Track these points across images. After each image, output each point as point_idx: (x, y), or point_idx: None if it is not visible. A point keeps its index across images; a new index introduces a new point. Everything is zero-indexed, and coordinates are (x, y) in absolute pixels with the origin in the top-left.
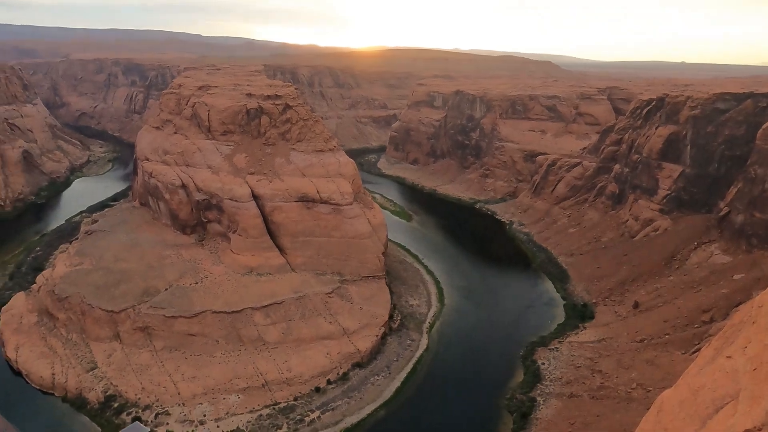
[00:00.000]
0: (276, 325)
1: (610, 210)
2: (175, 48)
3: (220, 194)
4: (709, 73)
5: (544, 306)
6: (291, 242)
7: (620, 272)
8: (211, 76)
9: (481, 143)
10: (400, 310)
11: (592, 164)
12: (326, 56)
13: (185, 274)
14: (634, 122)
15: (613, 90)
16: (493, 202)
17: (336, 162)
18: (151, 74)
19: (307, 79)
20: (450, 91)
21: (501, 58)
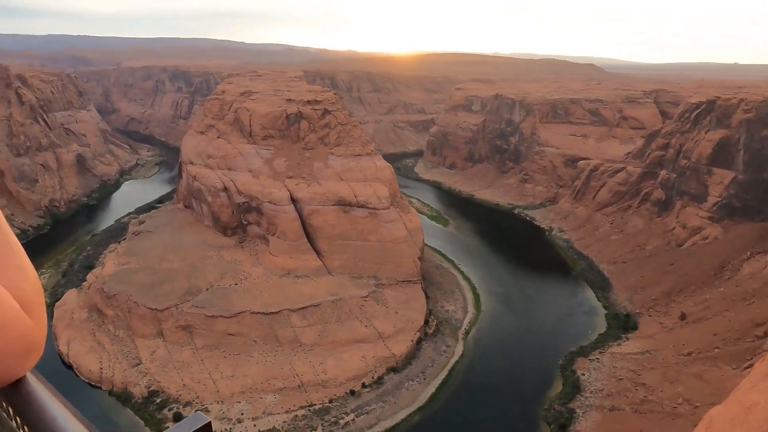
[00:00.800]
0: (312, 327)
1: (656, 217)
2: (219, 55)
3: (260, 197)
4: (763, 75)
5: (585, 315)
6: (328, 245)
7: (666, 282)
8: (252, 82)
9: (520, 148)
10: (436, 316)
11: (637, 169)
12: (365, 61)
13: (226, 274)
14: (682, 126)
15: (660, 93)
16: (532, 208)
17: (373, 166)
18: (196, 81)
19: (345, 84)
20: (488, 95)
21: (541, 61)
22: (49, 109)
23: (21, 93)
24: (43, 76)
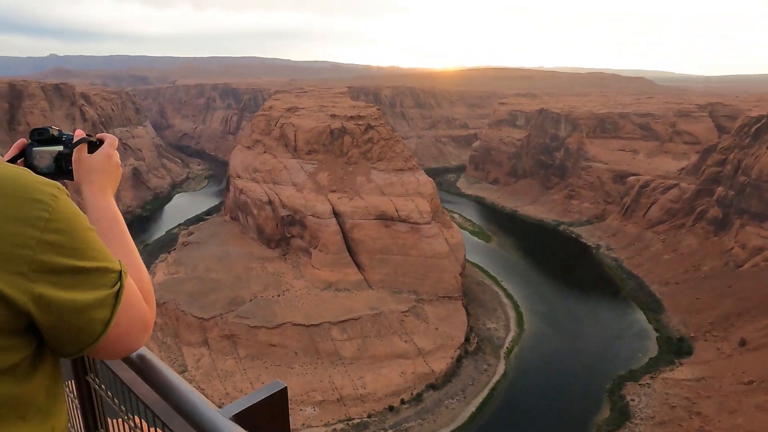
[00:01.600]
0: (352, 341)
1: (712, 236)
2: (267, 72)
3: (303, 210)
4: None
5: (634, 337)
6: (369, 259)
7: (723, 305)
8: (298, 98)
9: (566, 163)
10: (477, 333)
11: (691, 186)
12: (408, 77)
13: (269, 286)
14: (740, 141)
15: (716, 106)
16: (578, 225)
17: (415, 181)
18: (245, 97)
19: (388, 100)
20: (533, 109)
21: (588, 75)
22: (109, 125)
23: (84, 110)
24: (104, 94)
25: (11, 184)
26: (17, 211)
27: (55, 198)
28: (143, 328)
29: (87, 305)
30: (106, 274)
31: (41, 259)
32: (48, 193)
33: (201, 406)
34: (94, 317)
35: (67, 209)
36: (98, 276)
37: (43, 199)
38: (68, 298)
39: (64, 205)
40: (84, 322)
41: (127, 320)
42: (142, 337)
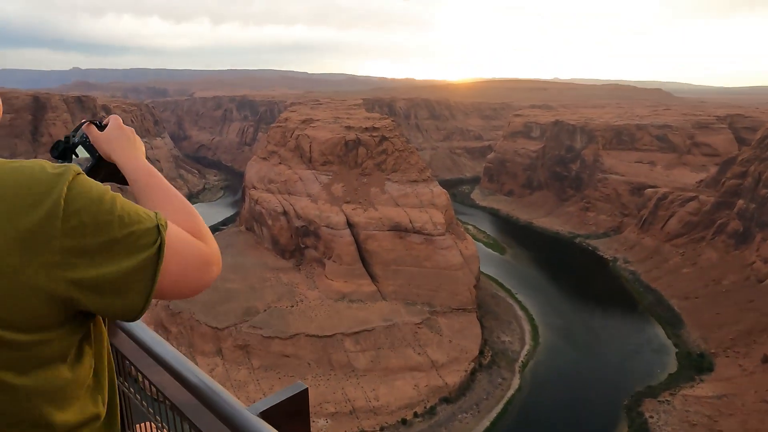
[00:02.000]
0: (365, 353)
1: (732, 250)
2: (283, 85)
3: (318, 221)
4: None
5: (653, 352)
6: (383, 270)
7: (745, 320)
8: (314, 110)
9: (582, 175)
10: (491, 346)
11: (711, 199)
12: (422, 89)
13: (283, 296)
14: (761, 153)
15: (736, 118)
16: (594, 237)
17: (429, 192)
18: (261, 109)
19: (403, 112)
20: (548, 121)
21: (604, 86)
22: None
23: None
24: (124, 106)
25: (19, 178)
26: (32, 202)
27: (64, 179)
28: (202, 264)
29: (129, 271)
30: (142, 235)
31: (69, 244)
32: (57, 177)
33: (233, 403)
34: (139, 278)
35: (82, 187)
36: (133, 240)
37: (55, 185)
38: (108, 271)
39: (78, 184)
40: (131, 285)
41: (179, 266)
42: (206, 273)
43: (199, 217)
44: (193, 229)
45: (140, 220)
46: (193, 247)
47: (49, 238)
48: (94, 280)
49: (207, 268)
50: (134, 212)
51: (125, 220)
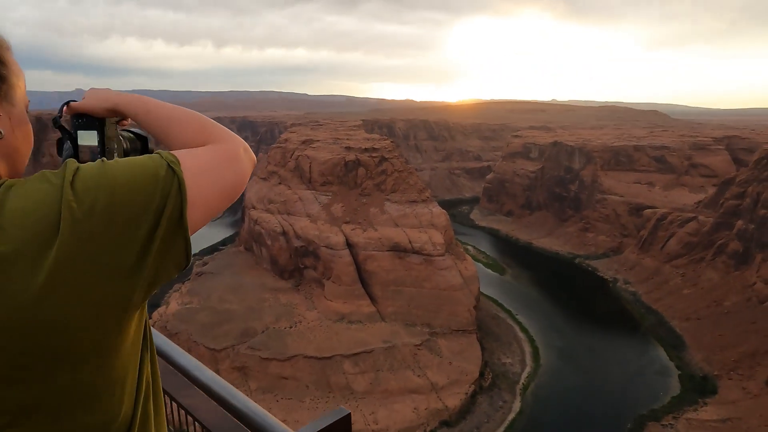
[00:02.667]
0: (364, 375)
1: (733, 270)
2: (284, 106)
3: (317, 241)
4: None
5: (656, 375)
6: (382, 291)
7: (748, 342)
8: (314, 131)
9: (581, 195)
10: (492, 368)
11: (710, 219)
12: (421, 110)
13: (281, 317)
14: (759, 174)
15: (733, 139)
16: (594, 258)
17: (429, 213)
18: (262, 130)
19: (402, 133)
20: (547, 142)
21: (602, 108)
22: None
23: None
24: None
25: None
26: (52, 222)
27: (64, 180)
28: (228, 168)
29: (162, 220)
30: (156, 187)
31: (112, 249)
32: (56, 183)
33: (281, 429)
34: (173, 217)
35: (85, 179)
36: (150, 199)
37: (59, 194)
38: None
39: (80, 180)
40: (175, 230)
41: (206, 182)
42: (236, 170)
43: (203, 118)
44: (203, 137)
45: (146, 177)
46: (211, 158)
47: (103, 245)
48: (151, 258)
49: (233, 166)
50: (137, 173)
51: (133, 187)
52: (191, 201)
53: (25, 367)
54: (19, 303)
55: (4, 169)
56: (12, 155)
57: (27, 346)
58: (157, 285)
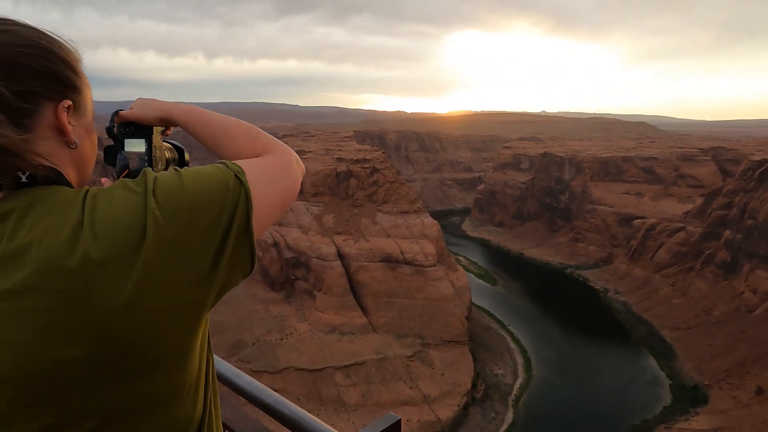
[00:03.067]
0: (356, 387)
1: (722, 280)
2: (275, 117)
3: (309, 253)
4: None
5: (647, 385)
6: (374, 302)
7: (738, 351)
8: (305, 142)
9: (571, 206)
10: (484, 379)
11: (698, 229)
12: (413, 122)
13: (272, 329)
14: (745, 184)
15: (719, 150)
16: (584, 268)
17: (420, 223)
18: None
19: (394, 144)
20: (537, 153)
21: (591, 119)
22: None
23: None
24: None
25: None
26: (140, 229)
27: (146, 189)
28: (284, 178)
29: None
30: (227, 195)
31: (193, 254)
32: (139, 192)
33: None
34: (241, 225)
35: (165, 188)
36: (223, 207)
37: (144, 202)
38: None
39: (161, 189)
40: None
41: (267, 192)
42: (291, 180)
43: (254, 129)
44: (256, 147)
45: (217, 185)
46: (270, 170)
47: (191, 253)
48: (223, 263)
49: (289, 175)
50: (211, 182)
51: (211, 195)
52: (255, 210)
53: (110, 371)
54: (109, 308)
55: (75, 177)
56: (82, 164)
57: (114, 350)
58: (225, 291)
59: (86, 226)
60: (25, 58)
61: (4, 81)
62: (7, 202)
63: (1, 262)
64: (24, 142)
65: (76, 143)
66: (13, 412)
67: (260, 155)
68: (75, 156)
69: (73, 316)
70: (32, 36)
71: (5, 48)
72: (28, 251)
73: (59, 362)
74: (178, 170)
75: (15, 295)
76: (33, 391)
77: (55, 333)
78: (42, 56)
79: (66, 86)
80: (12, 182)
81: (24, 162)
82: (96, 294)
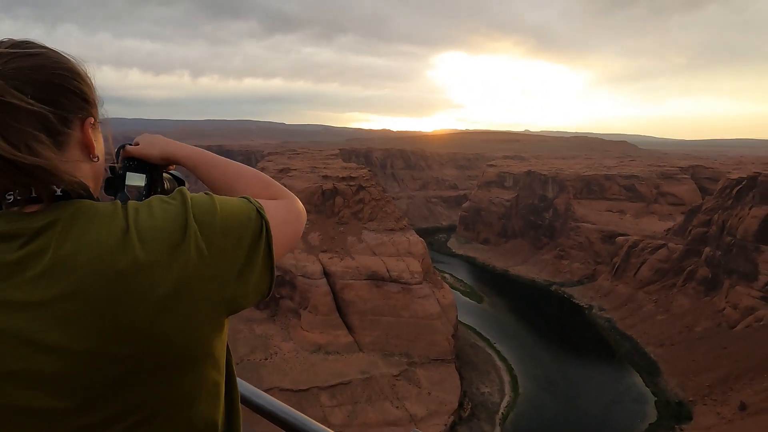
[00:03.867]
0: (342, 407)
1: (703, 296)
2: (261, 135)
3: (294, 271)
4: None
5: (633, 402)
6: (360, 321)
7: (721, 367)
8: (291, 160)
9: (555, 223)
10: (471, 398)
11: (679, 246)
12: (398, 140)
13: (256, 349)
14: (723, 202)
15: (698, 169)
16: (569, 285)
17: (406, 241)
18: (239, 159)
19: (380, 162)
20: (521, 171)
21: (573, 138)
22: None
23: None
24: None
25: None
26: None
27: (185, 202)
28: (295, 222)
29: (259, 262)
30: (250, 224)
31: (224, 264)
32: (178, 204)
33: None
34: (264, 263)
35: (200, 205)
36: (246, 232)
37: (184, 213)
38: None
39: (197, 204)
40: (260, 272)
41: (281, 235)
42: (300, 225)
43: (267, 177)
44: (270, 193)
45: (242, 217)
46: (284, 212)
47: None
48: (246, 277)
49: (299, 219)
50: (237, 209)
51: (240, 218)
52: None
53: (156, 366)
54: (154, 305)
55: (94, 188)
56: (98, 176)
57: (158, 345)
58: (243, 305)
59: (132, 234)
60: (61, 80)
61: (47, 105)
62: (51, 212)
63: (52, 267)
64: (63, 162)
65: (98, 157)
66: (73, 406)
67: (277, 200)
68: (94, 169)
69: (124, 315)
70: (60, 58)
71: (43, 71)
72: (78, 256)
73: (114, 359)
74: (209, 193)
75: (69, 298)
76: (91, 386)
77: (109, 331)
78: (72, 77)
79: (90, 104)
80: (48, 195)
81: (59, 179)
82: (143, 292)
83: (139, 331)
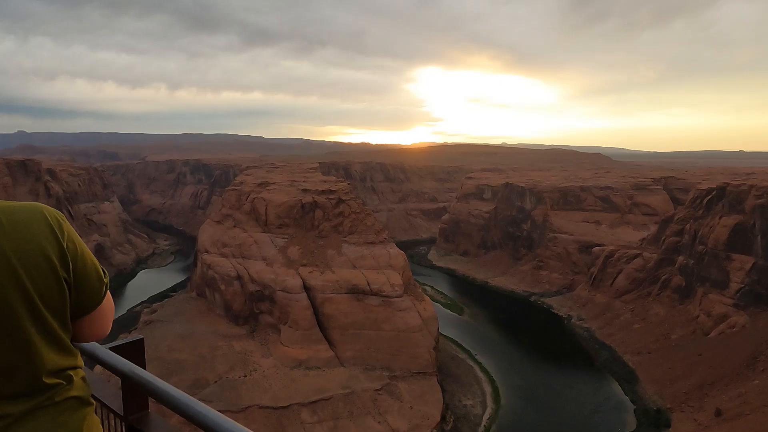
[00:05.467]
0: (323, 424)
1: (678, 304)
2: (239, 149)
3: (273, 285)
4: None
5: (613, 410)
6: (341, 335)
7: (696, 374)
8: (270, 173)
9: (533, 234)
10: (453, 411)
11: (654, 255)
12: (378, 153)
13: (235, 366)
14: (694, 212)
15: (669, 180)
16: (548, 295)
17: (386, 254)
18: (216, 173)
19: (359, 175)
20: (499, 183)
21: (549, 151)
22: (75, 200)
23: (50, 186)
24: (72, 170)
25: (37, 208)
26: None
27: (64, 220)
28: (111, 316)
29: (96, 281)
30: (103, 281)
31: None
32: (60, 217)
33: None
34: (98, 288)
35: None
36: (100, 278)
37: (59, 220)
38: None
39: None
40: (95, 289)
41: (105, 310)
42: (110, 323)
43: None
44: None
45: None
46: (111, 305)
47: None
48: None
49: (111, 318)
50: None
51: (93, 262)
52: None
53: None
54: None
55: None
56: None
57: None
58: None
59: None
60: None
61: None
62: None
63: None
64: None
65: None
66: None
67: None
68: None
69: None
70: None
71: None
72: None
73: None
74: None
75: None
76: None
77: None
78: None
79: None
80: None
81: None
82: None
83: None
